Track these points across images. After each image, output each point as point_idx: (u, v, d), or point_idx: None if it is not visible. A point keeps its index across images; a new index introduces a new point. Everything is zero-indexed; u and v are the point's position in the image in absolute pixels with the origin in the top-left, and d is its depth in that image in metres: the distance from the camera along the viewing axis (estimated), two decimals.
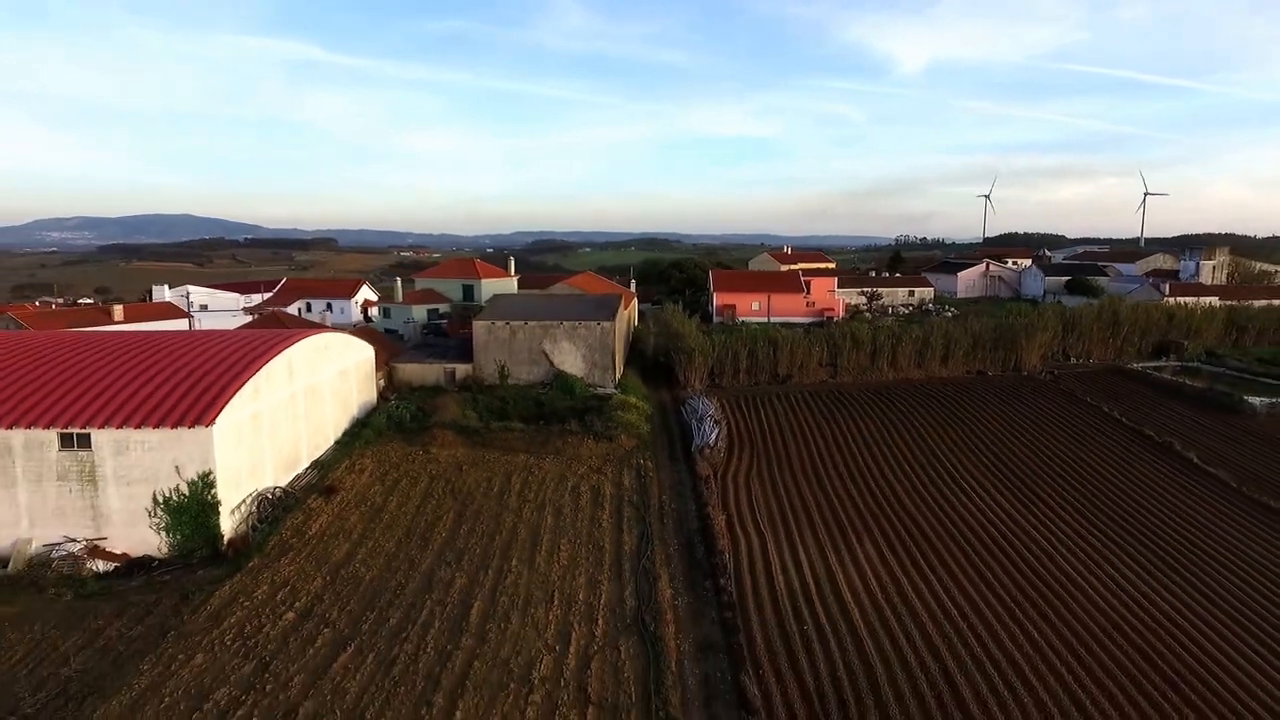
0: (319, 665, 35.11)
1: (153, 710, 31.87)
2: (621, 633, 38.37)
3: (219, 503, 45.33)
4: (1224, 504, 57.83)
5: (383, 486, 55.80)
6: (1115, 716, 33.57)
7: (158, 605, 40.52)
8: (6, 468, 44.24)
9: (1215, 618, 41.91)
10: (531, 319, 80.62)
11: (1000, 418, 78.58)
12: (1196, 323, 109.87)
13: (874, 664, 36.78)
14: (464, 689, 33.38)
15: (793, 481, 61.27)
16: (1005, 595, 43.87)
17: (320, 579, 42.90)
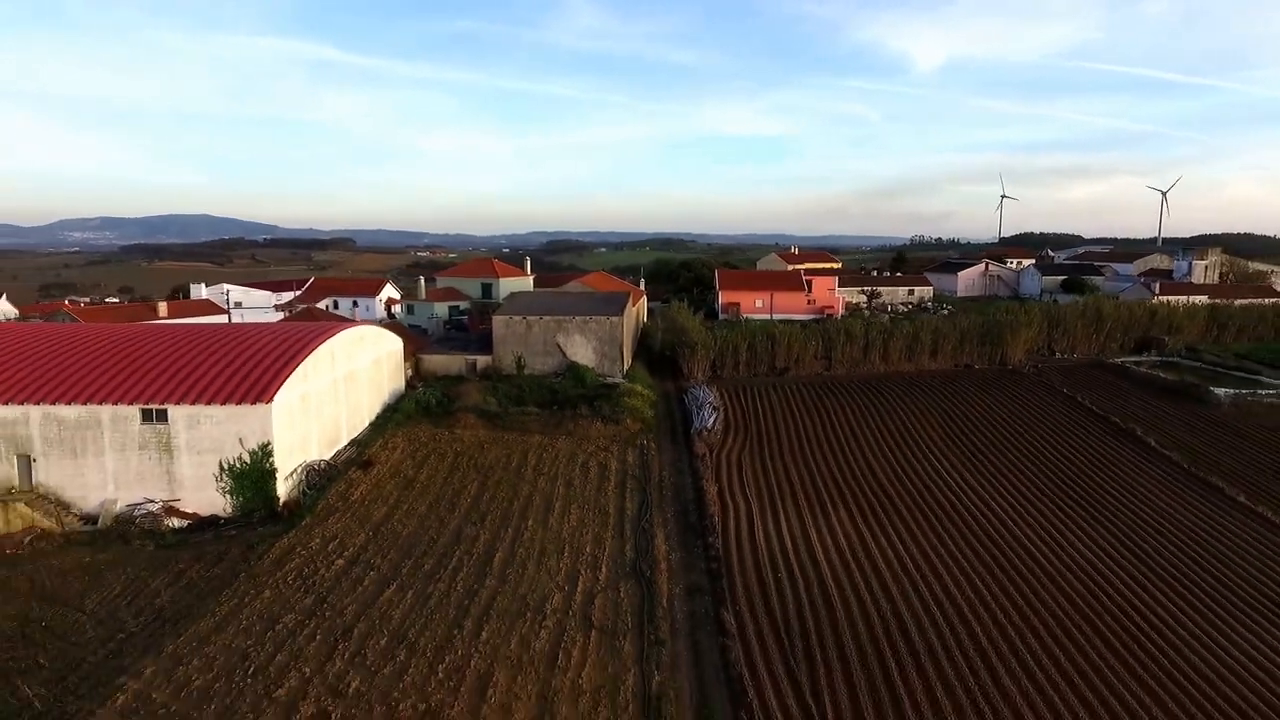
0: (367, 598, 42.05)
1: (234, 629, 38.89)
2: (622, 578, 45.14)
3: (276, 470, 52.42)
4: (1171, 481, 64.01)
5: (413, 461, 62.77)
6: (1037, 646, 40.02)
7: (228, 554, 47.61)
8: (96, 439, 51.46)
9: (1140, 572, 48.26)
10: (546, 314, 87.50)
11: (979, 407, 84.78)
12: (1178, 320, 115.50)
13: (835, 603, 43.40)
14: (488, 616, 40.25)
15: (780, 460, 67.86)
16: (957, 552, 50.37)
17: (363, 534, 49.89)
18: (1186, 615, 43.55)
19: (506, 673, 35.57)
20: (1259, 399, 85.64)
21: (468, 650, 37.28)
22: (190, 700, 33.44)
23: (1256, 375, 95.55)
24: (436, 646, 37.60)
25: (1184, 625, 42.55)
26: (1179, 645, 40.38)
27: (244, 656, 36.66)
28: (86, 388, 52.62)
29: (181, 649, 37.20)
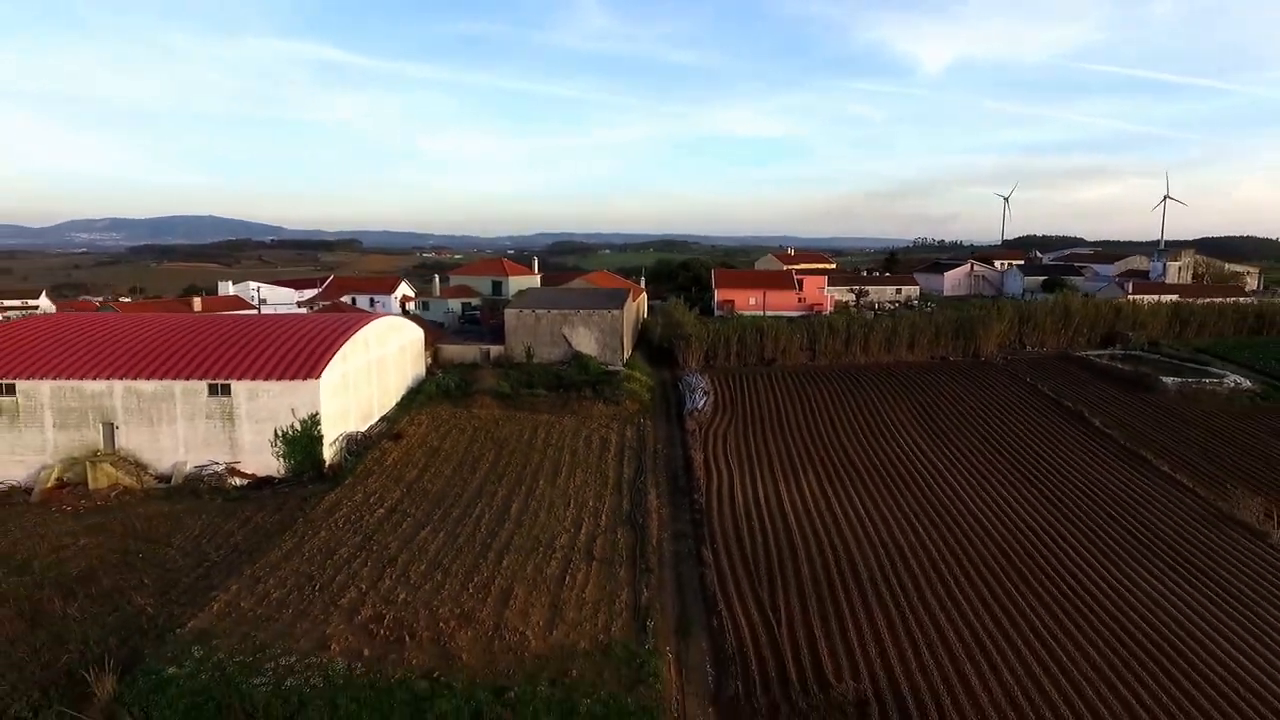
0: (406, 537, 50.58)
1: (299, 559, 47.43)
2: (619, 525, 53.63)
3: (322, 437, 61.00)
4: (1106, 455, 72.35)
5: (437, 434, 71.29)
6: (961, 577, 48.40)
7: (285, 505, 56.19)
8: (169, 409, 60.07)
9: (1061, 524, 56.65)
10: (553, 308, 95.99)
11: (948, 394, 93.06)
12: (1143, 317, 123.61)
13: (796, 544, 51.87)
14: (508, 550, 48.75)
15: (761, 436, 76.29)
16: (907, 508, 58.80)
17: (399, 491, 58.43)
18: (1094, 557, 51.90)
19: (524, 589, 44.06)
20: (1203, 387, 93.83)
21: (492, 573, 45.78)
22: (271, 607, 41.96)
23: (1206, 367, 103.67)
24: (466, 570, 46.11)
25: (1090, 564, 50.90)
26: (1082, 579, 48.74)
27: (310, 577, 45.19)
28: (161, 365, 61.22)
29: (258, 572, 45.74)
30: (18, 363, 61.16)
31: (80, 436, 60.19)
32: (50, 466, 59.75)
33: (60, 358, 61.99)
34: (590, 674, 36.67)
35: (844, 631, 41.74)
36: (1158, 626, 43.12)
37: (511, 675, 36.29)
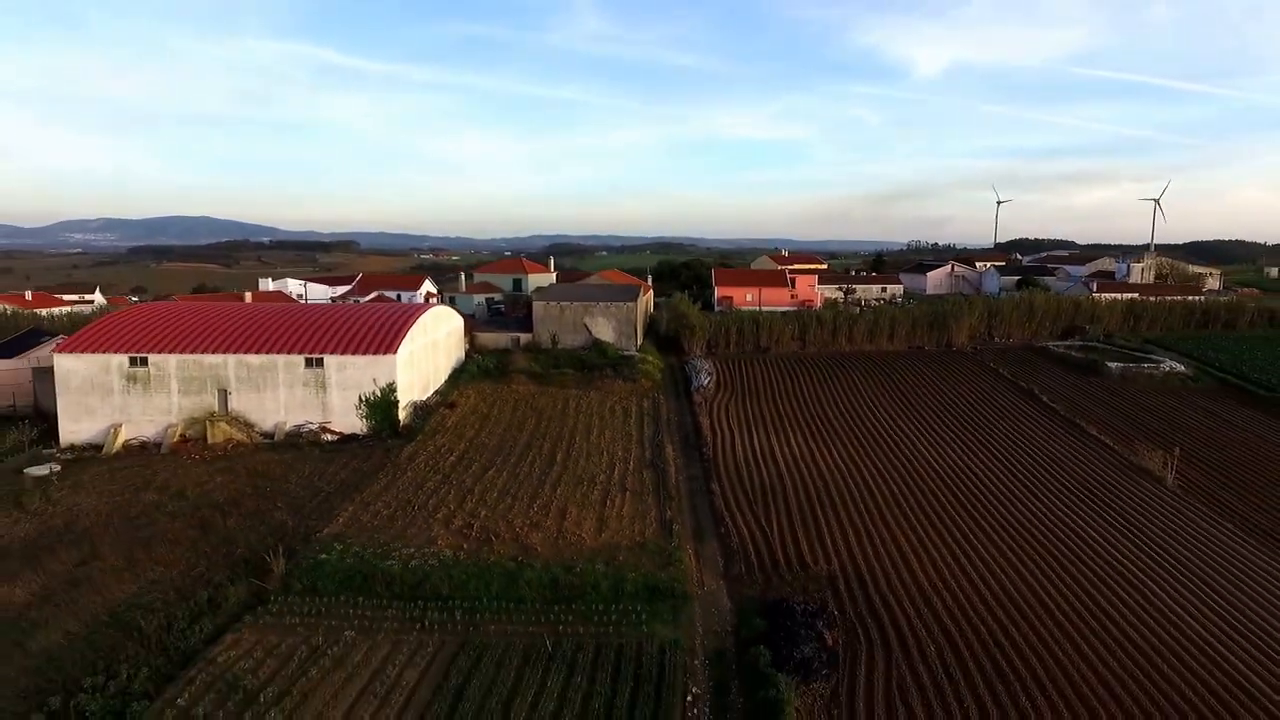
0: (477, 475, 63.89)
1: (396, 490, 60.68)
2: (644, 467, 67.04)
3: (398, 402, 74.28)
4: (1047, 423, 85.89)
5: (485, 404, 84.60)
6: (911, 502, 61.78)
7: (372, 455, 69.43)
8: (272, 378, 73.28)
9: (998, 470, 70.12)
10: (575, 300, 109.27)
11: (920, 376, 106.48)
12: (1100, 312, 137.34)
13: (784, 481, 65.36)
14: (559, 484, 62.10)
15: (757, 407, 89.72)
16: (876, 460, 72.28)
17: (463, 445, 71.75)
18: (1022, 495, 65.37)
19: (576, 508, 57.45)
20: (1142, 370, 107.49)
21: (549, 499, 59.16)
22: (383, 520, 55.21)
23: (1150, 355, 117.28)
24: (529, 497, 59.49)
25: (1017, 500, 64.37)
26: (1009, 509, 62.23)
27: (408, 501, 58.48)
28: (264, 342, 74.45)
29: (366, 498, 59.01)
30: (147, 340, 74.29)
31: (200, 400, 73.33)
32: (175, 425, 72.83)
33: (181, 336, 75.17)
34: (632, 560, 50.05)
35: (820, 536, 55.25)
36: (1060, 538, 56.65)
37: (575, 559, 49.66)
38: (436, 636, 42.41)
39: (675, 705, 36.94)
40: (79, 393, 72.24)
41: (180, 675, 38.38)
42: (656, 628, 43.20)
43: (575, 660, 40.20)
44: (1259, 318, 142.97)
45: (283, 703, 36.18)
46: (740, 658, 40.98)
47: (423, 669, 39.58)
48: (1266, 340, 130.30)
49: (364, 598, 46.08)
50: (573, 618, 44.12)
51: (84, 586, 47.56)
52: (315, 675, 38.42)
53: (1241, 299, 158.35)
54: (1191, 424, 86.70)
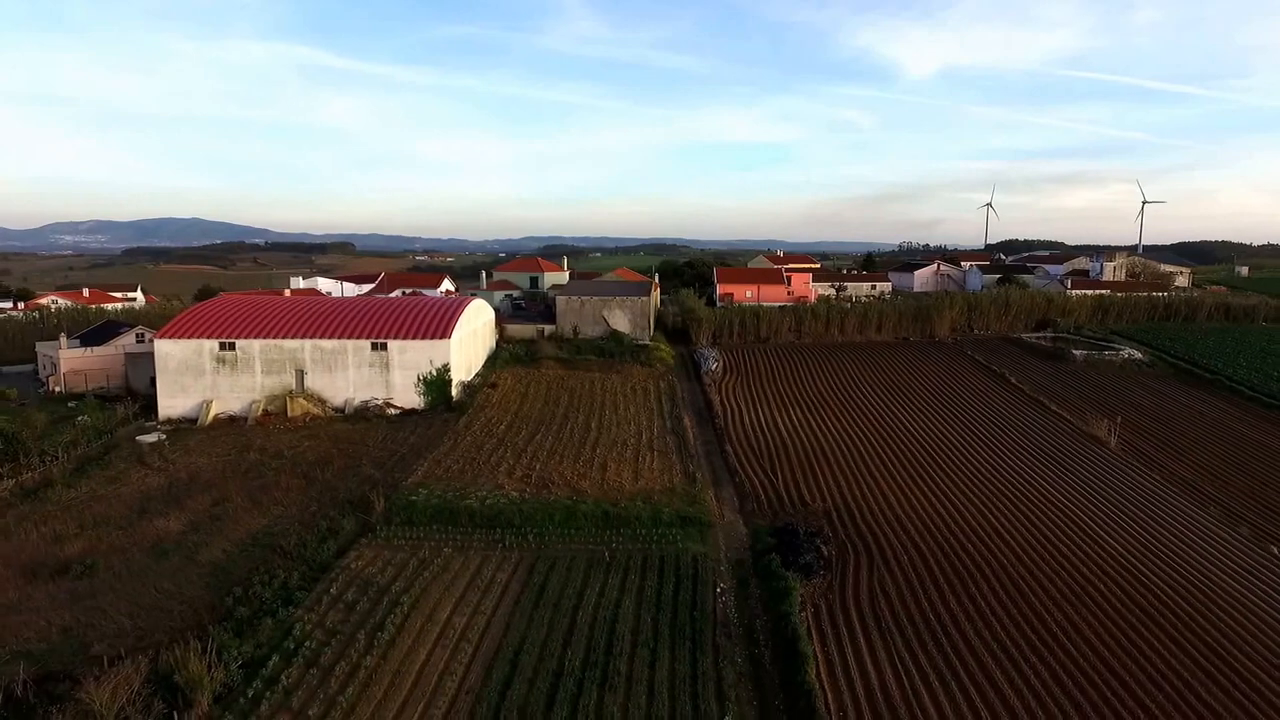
0: (526, 439, 75.48)
1: (460, 450, 72.22)
2: (666, 433, 78.75)
3: (450, 380, 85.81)
4: (1013, 399, 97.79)
5: (522, 385, 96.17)
6: (891, 459, 73.56)
7: (433, 425, 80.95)
8: (343, 360, 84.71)
9: (966, 435, 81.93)
10: (594, 295, 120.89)
11: (904, 363, 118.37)
12: (1070, 306, 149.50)
13: (786, 444, 77.14)
14: (597, 445, 73.76)
15: (760, 387, 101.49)
16: (863, 428, 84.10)
17: (509, 416, 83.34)
18: (987, 454, 77.17)
19: (614, 463, 69.13)
20: (1103, 357, 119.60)
21: (591, 456, 70.85)
22: (455, 472, 66.74)
23: (1112, 344, 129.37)
24: (574, 455, 71.17)
25: (981, 458, 76.18)
26: (975, 464, 74.07)
27: (472, 458, 70.06)
28: (335, 329, 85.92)
29: (437, 456, 70.54)
30: (233, 327, 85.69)
31: (280, 379, 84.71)
32: (259, 401, 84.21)
33: (262, 324, 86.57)
34: (665, 499, 61.75)
35: (817, 483, 67.09)
36: (1014, 485, 68.55)
37: (618, 499, 61.32)
38: (516, 553, 54.02)
39: (707, 594, 48.62)
40: (175, 373, 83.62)
41: (323, 577, 49.90)
42: (689, 545, 54.93)
43: (628, 565, 51.90)
44: (1216, 312, 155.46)
45: (409, 592, 47.71)
46: (755, 564, 52.74)
47: (510, 572, 51.22)
48: (1220, 331, 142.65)
49: (451, 527, 57.56)
50: (622, 539, 55.80)
51: (223, 520, 59.07)
52: (428, 576, 49.99)
53: (1200, 295, 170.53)
54: (1140, 401, 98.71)
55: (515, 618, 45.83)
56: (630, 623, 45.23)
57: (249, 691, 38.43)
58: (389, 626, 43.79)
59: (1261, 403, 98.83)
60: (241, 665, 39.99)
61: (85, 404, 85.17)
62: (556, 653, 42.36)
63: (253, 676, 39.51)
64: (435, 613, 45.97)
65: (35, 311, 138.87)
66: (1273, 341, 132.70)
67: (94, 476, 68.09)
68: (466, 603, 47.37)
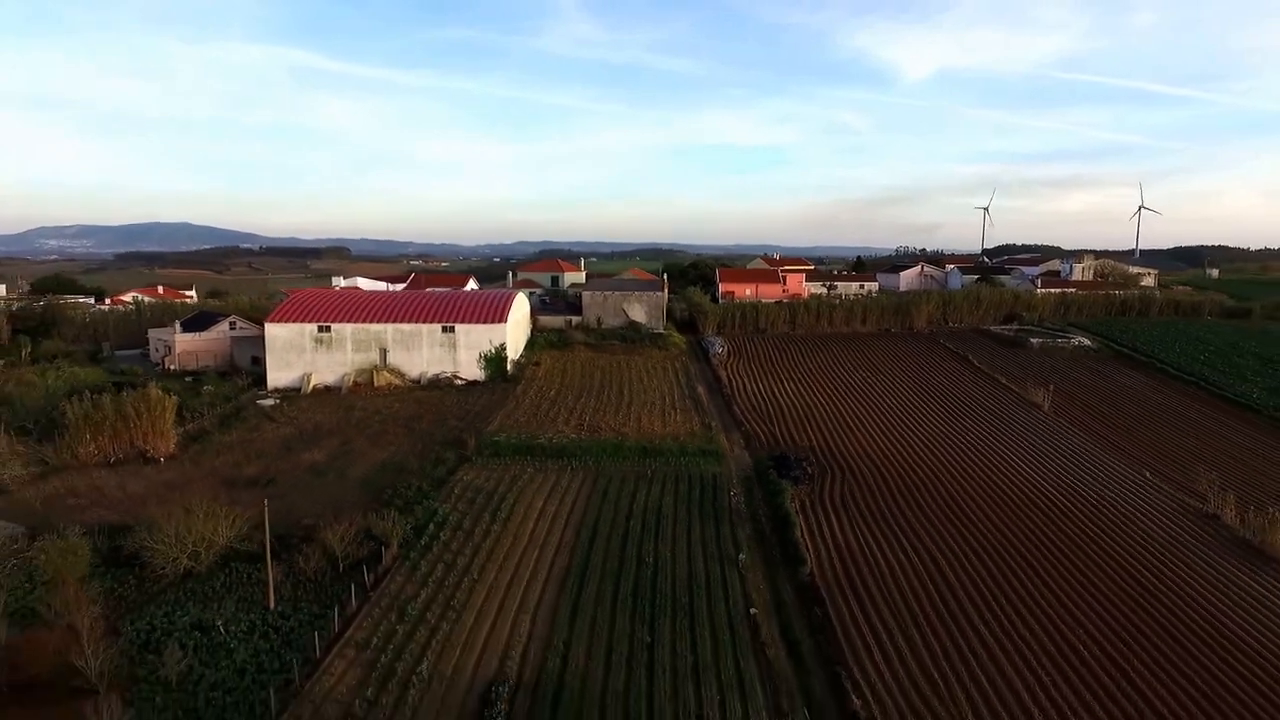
0: (573, 401, 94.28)
1: (523, 409, 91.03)
2: (684, 398, 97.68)
3: (506, 357, 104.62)
4: (974, 378, 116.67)
5: (560, 363, 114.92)
6: (867, 420, 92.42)
7: (495, 392, 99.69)
8: (418, 340, 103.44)
9: (933, 408, 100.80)
10: (615, 290, 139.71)
11: (884, 349, 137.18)
12: (1035, 302, 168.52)
13: (782, 408, 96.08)
14: (630, 406, 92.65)
15: (759, 367, 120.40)
16: (845, 398, 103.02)
17: (556, 385, 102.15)
18: (944, 417, 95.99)
19: (646, 416, 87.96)
20: (1057, 345, 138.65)
21: (627, 412, 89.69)
22: (523, 423, 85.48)
23: (1067, 334, 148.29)
24: (613, 411, 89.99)
25: (940, 420, 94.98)
26: (934, 424, 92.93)
27: (533, 414, 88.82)
28: (411, 315, 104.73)
29: (504, 414, 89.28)
30: (327, 313, 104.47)
31: (366, 356, 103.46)
32: (350, 374, 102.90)
33: (351, 311, 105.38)
34: (688, 439, 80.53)
35: (805, 433, 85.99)
36: (962, 436, 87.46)
37: (653, 439, 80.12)
38: (581, 473, 72.77)
39: (723, 496, 67.39)
40: (281, 351, 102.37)
41: (444, 486, 68.55)
42: (708, 467, 73.80)
43: (664, 480, 70.75)
44: (1167, 308, 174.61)
45: (510, 493, 66.44)
46: (758, 478, 71.66)
47: (579, 483, 70.01)
48: (1168, 324, 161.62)
49: (528, 458, 76.20)
50: (657, 464, 74.61)
51: (354, 454, 77.81)
52: (521, 484, 68.76)
53: (1153, 293, 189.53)
54: (1080, 378, 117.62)
55: (589, 508, 64.65)
56: (670, 511, 64.04)
57: (420, 542, 57.23)
58: (503, 510, 62.64)
59: (1182, 380, 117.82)
60: (411, 527, 58.75)
61: (207, 377, 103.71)
62: (622, 525, 61.20)
63: (419, 535, 58.31)
64: (532, 503, 64.81)
65: (124, 305, 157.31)
66: (1209, 332, 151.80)
67: (237, 428, 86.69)
68: (553, 499, 66.20)
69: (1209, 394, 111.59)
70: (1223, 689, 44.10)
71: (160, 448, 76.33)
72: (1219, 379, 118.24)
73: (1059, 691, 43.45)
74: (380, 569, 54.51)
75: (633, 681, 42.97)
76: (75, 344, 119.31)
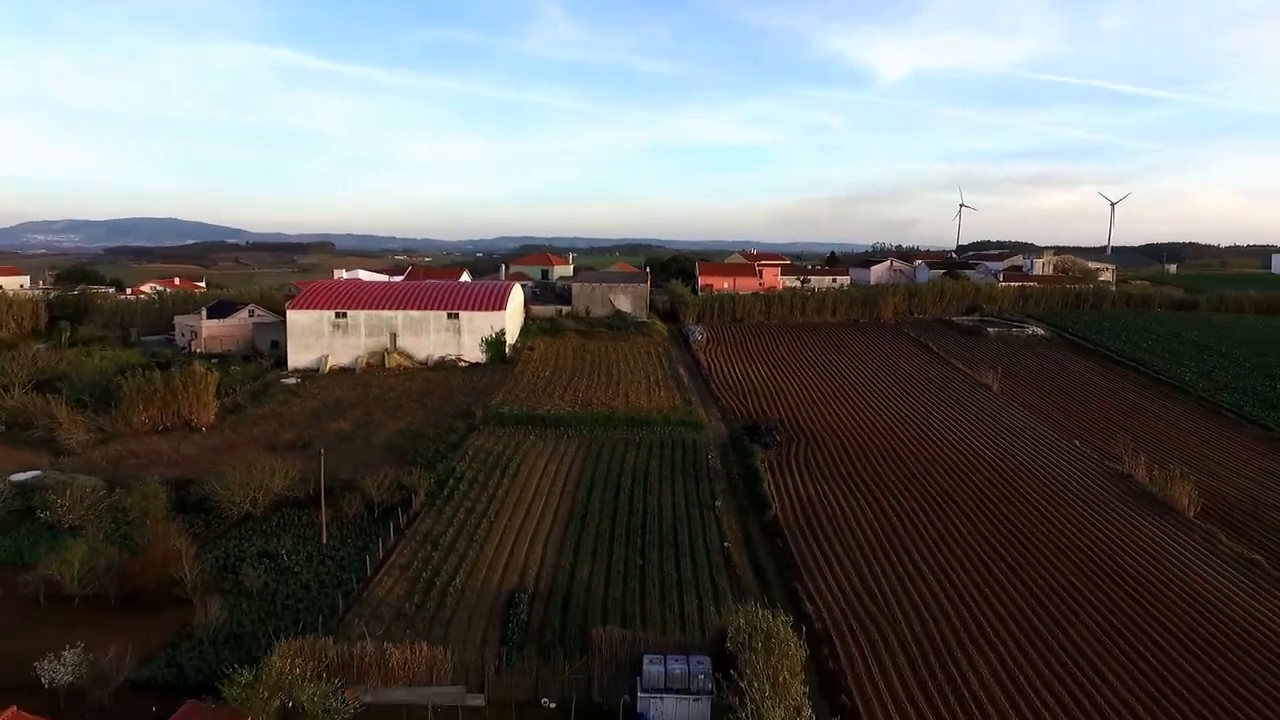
0: (567, 380, 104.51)
1: (522, 384, 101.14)
2: (667, 378, 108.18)
3: (505, 342, 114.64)
4: (931, 361, 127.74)
5: (553, 348, 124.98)
6: (833, 399, 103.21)
7: (495, 372, 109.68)
8: (425, 326, 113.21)
9: (893, 387, 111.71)
10: (602, 282, 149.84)
11: (851, 337, 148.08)
12: (996, 295, 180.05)
13: (755, 386, 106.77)
14: (619, 384, 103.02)
15: (735, 352, 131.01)
16: (814, 379, 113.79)
17: (550, 367, 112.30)
18: (900, 395, 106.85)
19: (633, 393, 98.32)
20: (1011, 333, 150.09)
21: (616, 389, 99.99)
22: (522, 397, 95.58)
23: (1022, 324, 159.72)
24: (604, 388, 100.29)
25: (896, 397, 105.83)
26: (891, 401, 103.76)
27: (532, 391, 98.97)
28: (419, 303, 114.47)
29: (506, 390, 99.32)
30: (343, 301, 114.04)
31: (378, 340, 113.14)
32: (363, 356, 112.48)
33: (364, 299, 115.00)
34: (671, 412, 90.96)
35: (775, 407, 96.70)
36: (917, 411, 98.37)
37: (639, 412, 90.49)
38: (577, 440, 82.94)
39: (702, 458, 77.80)
40: (301, 335, 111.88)
41: (458, 450, 78.51)
42: (689, 434, 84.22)
43: (651, 445, 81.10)
44: (1119, 301, 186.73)
45: (516, 455, 76.57)
46: (732, 443, 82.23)
47: (576, 448, 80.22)
48: (1118, 316, 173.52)
49: (530, 427, 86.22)
50: (644, 433, 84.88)
51: (375, 424, 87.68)
52: (525, 449, 78.89)
53: (1106, 287, 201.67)
54: (1029, 362, 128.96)
55: (585, 467, 74.95)
56: (656, 470, 74.43)
57: (442, 493, 67.32)
58: (511, 468, 72.87)
59: (1123, 365, 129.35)
60: (434, 481, 68.85)
61: (233, 359, 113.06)
62: (614, 481, 71.56)
63: (441, 487, 68.40)
64: (536, 464, 75.06)
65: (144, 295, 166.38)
66: (1155, 323, 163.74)
67: (267, 403, 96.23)
68: (553, 460, 76.46)
69: (1146, 377, 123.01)
70: (1114, 605, 54.94)
71: (203, 418, 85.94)
72: (1157, 364, 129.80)
73: (975, 602, 54.11)
74: (410, 513, 64.61)
75: (628, 591, 53.37)
76: (105, 330, 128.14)
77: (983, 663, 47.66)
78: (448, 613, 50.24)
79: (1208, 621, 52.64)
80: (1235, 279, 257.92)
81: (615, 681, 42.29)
